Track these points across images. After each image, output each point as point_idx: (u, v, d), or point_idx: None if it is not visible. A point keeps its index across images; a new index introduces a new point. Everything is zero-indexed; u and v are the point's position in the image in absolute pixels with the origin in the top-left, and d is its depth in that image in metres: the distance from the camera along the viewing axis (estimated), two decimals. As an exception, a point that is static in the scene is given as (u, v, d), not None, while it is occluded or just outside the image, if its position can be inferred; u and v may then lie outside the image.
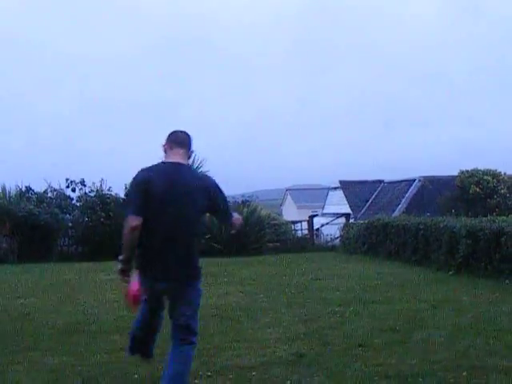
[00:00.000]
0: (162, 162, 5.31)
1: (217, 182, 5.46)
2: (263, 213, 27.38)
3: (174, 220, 5.15)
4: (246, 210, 26.05)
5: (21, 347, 8.04)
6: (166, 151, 5.35)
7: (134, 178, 5.25)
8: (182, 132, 5.48)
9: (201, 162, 26.18)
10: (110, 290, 13.56)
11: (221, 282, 14.53)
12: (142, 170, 5.24)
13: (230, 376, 6.49)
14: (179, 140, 5.38)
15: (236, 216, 5.74)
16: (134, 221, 5.05)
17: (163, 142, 5.39)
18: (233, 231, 5.74)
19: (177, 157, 5.27)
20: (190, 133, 5.49)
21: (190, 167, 5.50)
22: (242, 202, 28.28)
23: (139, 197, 5.11)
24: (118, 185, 27.31)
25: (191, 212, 5.21)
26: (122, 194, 26.43)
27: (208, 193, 5.28)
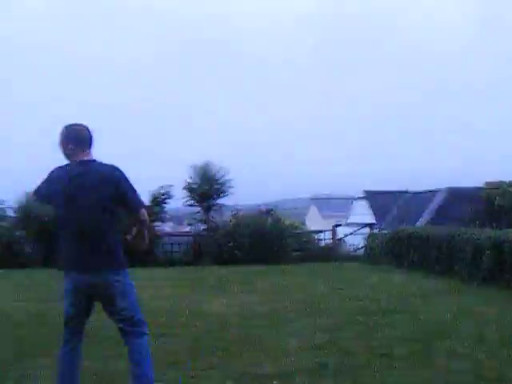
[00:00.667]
0: (72, 161, 5.46)
1: (125, 173, 5.52)
2: (287, 222, 27.32)
3: (82, 212, 5.32)
4: (269, 219, 26.08)
5: (39, 352, 8.08)
6: (68, 150, 5.47)
7: (49, 174, 5.50)
8: (80, 127, 5.56)
9: (224, 172, 26.27)
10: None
11: (243, 291, 14.53)
12: (55, 168, 5.51)
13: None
14: (81, 138, 5.48)
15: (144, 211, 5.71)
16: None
17: (60, 138, 5.50)
18: (134, 232, 5.70)
19: (83, 154, 5.46)
20: (85, 124, 5.60)
21: (95, 161, 5.52)
22: (266, 211, 28.25)
23: (46, 185, 5.45)
24: (143, 192, 27.37)
25: (98, 203, 5.33)
26: (146, 201, 26.50)
27: (115, 184, 5.38)
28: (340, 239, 29.42)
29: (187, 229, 30.48)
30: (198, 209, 26.73)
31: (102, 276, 5.42)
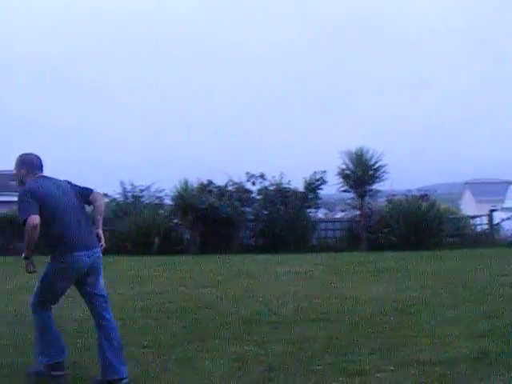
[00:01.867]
0: (42, 176, 6.53)
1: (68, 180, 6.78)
2: (442, 207, 26.78)
3: (73, 205, 6.47)
4: (424, 204, 25.64)
5: (206, 335, 8.36)
6: (25, 174, 6.53)
7: (28, 187, 6.32)
8: (34, 156, 6.64)
9: (378, 156, 26.00)
10: (290, 281, 13.82)
11: (400, 277, 14.39)
12: (32, 182, 6.40)
13: (413, 371, 6.43)
14: (38, 164, 6.60)
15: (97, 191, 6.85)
16: (35, 219, 6.07)
17: (19, 167, 6.59)
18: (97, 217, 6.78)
19: (33, 175, 6.52)
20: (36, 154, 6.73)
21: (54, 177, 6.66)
22: (421, 196, 27.77)
23: (34, 200, 6.16)
24: (297, 178, 27.60)
25: (75, 200, 6.53)
26: (301, 188, 26.71)
27: (71, 185, 6.67)
28: (497, 224, 28.49)
29: (339, 215, 30.49)
30: (352, 195, 26.60)
31: (97, 251, 6.57)
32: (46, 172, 6.59)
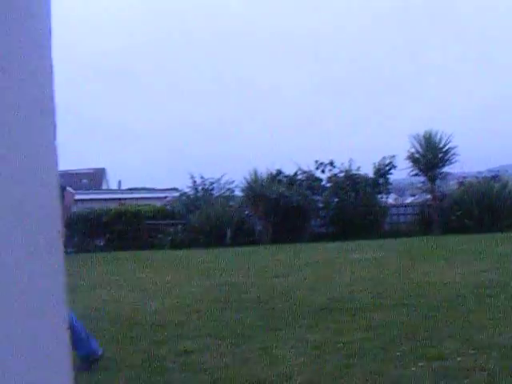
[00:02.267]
0: None
1: None
2: (515, 187, 26.29)
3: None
4: (496, 185, 25.22)
5: (283, 324, 8.40)
6: None
7: None
8: None
9: (448, 138, 25.67)
10: (364, 268, 13.77)
11: (475, 259, 14.20)
12: None
13: (494, 354, 6.35)
14: None
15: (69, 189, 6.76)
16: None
17: None
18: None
19: None
20: None
21: None
22: (492, 177, 27.32)
23: None
24: (366, 164, 27.48)
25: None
26: (370, 174, 26.59)
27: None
28: None
29: (409, 200, 30.21)
30: (422, 179, 26.34)
31: None
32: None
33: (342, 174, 26.86)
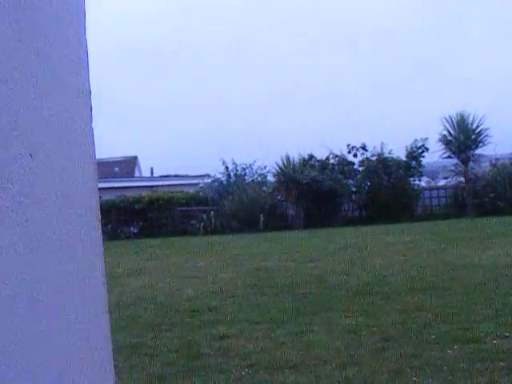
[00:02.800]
0: None
1: None
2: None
3: None
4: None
5: (317, 309, 8.42)
6: None
7: None
8: None
9: (480, 120, 25.42)
10: (398, 251, 13.73)
11: (510, 242, 14.09)
12: None
13: (529, 336, 6.32)
14: None
15: None
16: None
17: None
18: None
19: None
20: None
21: None
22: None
23: None
24: (398, 147, 27.33)
25: None
26: (402, 157, 26.45)
27: None
28: None
29: (442, 182, 30.01)
30: (455, 161, 26.13)
31: None
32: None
33: (374, 158, 26.73)
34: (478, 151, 25.65)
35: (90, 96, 1.41)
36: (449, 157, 26.13)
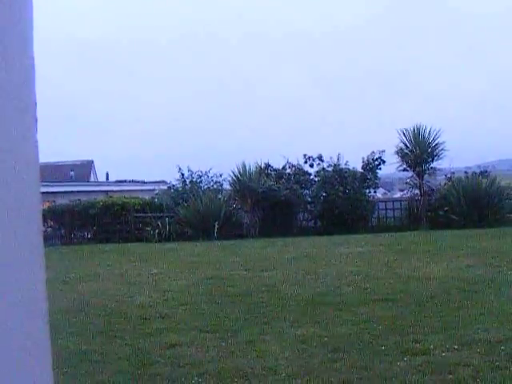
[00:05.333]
0: None
1: None
2: (503, 183, 26.37)
3: None
4: (484, 181, 25.29)
5: (269, 318, 8.42)
6: None
7: None
8: None
9: (437, 134, 25.69)
10: (351, 262, 13.79)
11: (462, 255, 14.23)
12: None
13: (478, 349, 6.38)
14: None
15: None
16: None
17: None
18: None
19: None
20: None
21: None
22: (481, 173, 27.40)
23: None
24: (355, 158, 27.49)
25: None
26: (359, 168, 26.62)
27: None
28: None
29: (398, 195, 30.30)
30: (411, 174, 26.37)
31: None
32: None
33: (330, 169, 26.83)
34: (434, 164, 25.90)
35: (35, 107, 1.37)
36: (405, 170, 26.34)
